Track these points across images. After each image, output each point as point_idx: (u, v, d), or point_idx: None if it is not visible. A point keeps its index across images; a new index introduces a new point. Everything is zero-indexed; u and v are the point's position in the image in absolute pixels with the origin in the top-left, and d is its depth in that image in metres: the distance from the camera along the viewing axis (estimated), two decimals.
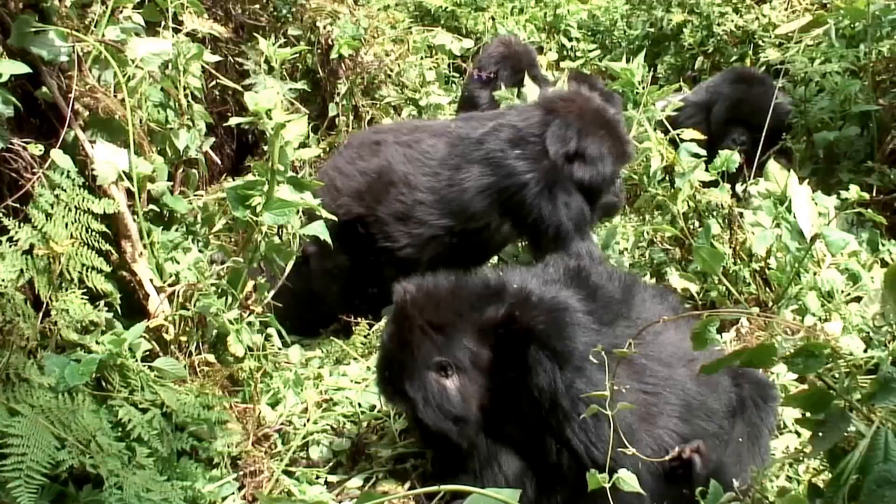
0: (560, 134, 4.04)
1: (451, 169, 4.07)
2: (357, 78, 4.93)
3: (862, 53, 5.54)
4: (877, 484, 1.53)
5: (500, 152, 4.04)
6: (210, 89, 4.67)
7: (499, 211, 4.06)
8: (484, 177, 4.03)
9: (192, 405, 3.03)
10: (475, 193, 4.03)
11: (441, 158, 4.10)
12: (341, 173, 4.23)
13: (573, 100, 4.23)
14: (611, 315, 3.05)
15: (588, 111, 4.17)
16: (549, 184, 4.00)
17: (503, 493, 1.80)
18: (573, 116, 4.09)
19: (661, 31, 7.19)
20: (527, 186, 3.98)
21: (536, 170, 4.00)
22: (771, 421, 3.31)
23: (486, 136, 4.11)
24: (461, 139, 4.16)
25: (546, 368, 2.80)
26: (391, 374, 2.95)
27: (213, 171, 4.79)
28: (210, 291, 3.33)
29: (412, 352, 2.89)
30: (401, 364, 2.91)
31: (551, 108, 4.15)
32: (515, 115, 4.24)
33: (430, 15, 7.51)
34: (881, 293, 1.67)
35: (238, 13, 4.94)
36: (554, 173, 4.02)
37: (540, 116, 4.12)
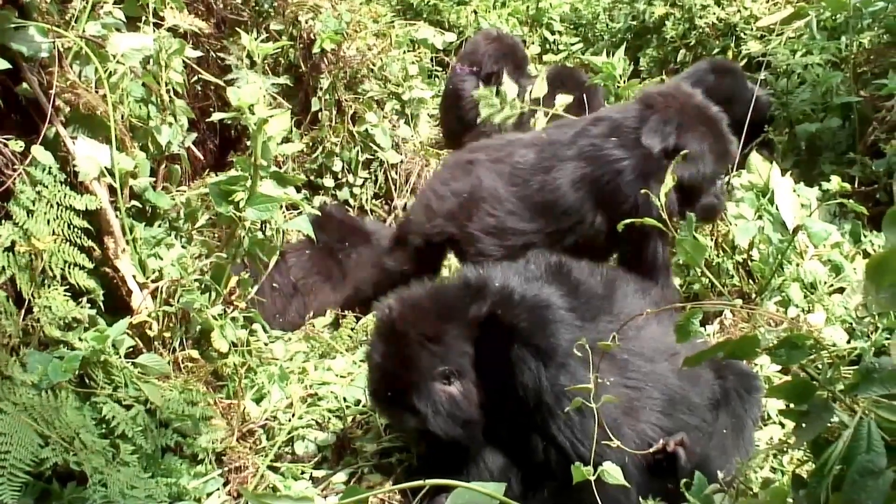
0: (658, 129, 3.86)
1: (541, 173, 3.97)
2: (339, 72, 4.91)
3: (843, 45, 5.56)
4: (859, 474, 1.53)
5: (594, 145, 3.92)
6: (192, 85, 4.65)
7: (592, 203, 3.90)
8: (577, 170, 3.90)
9: (176, 401, 3.03)
10: (568, 188, 3.90)
11: (531, 166, 4.00)
12: (436, 195, 4.18)
13: (673, 95, 4.05)
14: (593, 311, 3.06)
15: (689, 106, 4.00)
16: (644, 173, 3.81)
17: (488, 486, 1.79)
18: (673, 111, 3.92)
19: (643, 24, 7.18)
20: (622, 174, 3.82)
21: (633, 157, 3.84)
22: (755, 412, 3.32)
23: (578, 135, 4.00)
24: (552, 143, 4.06)
25: (530, 366, 2.80)
26: (395, 392, 2.88)
27: (195, 166, 4.78)
28: (193, 287, 3.32)
29: (414, 367, 2.86)
30: (404, 381, 2.86)
31: (650, 103, 3.99)
32: (612, 110, 4.14)
33: (412, 9, 7.50)
34: (863, 284, 1.67)
35: (220, 8, 4.92)
36: (650, 163, 3.83)
37: (638, 111, 3.97)
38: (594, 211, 3.90)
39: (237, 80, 4.41)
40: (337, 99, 4.97)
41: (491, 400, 2.92)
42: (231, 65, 4.65)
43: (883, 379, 1.69)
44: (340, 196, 5.04)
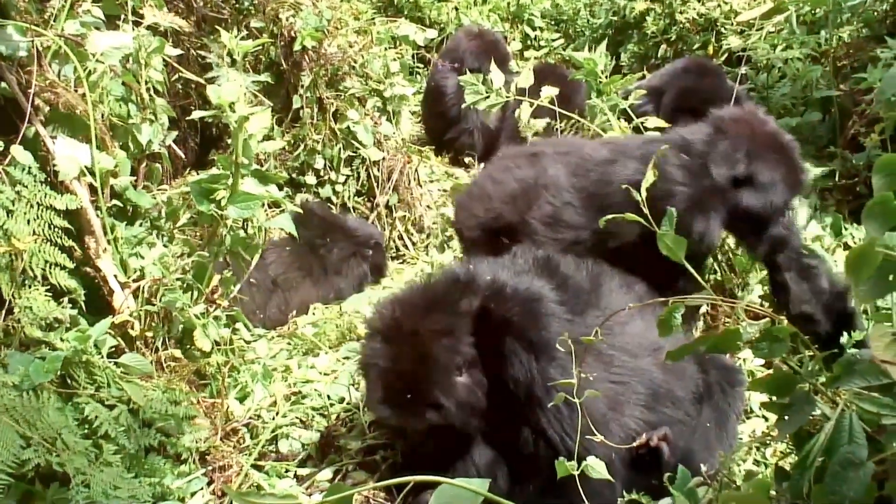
0: (728, 155, 3.70)
1: (605, 165, 3.85)
2: (321, 70, 4.90)
3: (823, 39, 5.60)
4: (840, 465, 1.54)
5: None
6: (172, 83, 4.64)
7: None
8: (637, 173, 3.67)
9: (159, 401, 3.02)
10: (619, 186, 3.67)
11: (599, 160, 3.88)
12: (494, 181, 4.09)
13: (746, 120, 3.89)
14: (581, 305, 3.07)
15: (761, 133, 3.84)
16: (699, 203, 3.68)
17: (472, 482, 1.79)
18: (744, 138, 3.75)
19: (623, 20, 7.20)
20: (674, 197, 3.65)
21: (691, 185, 3.70)
22: (738, 405, 3.34)
23: (649, 142, 3.91)
24: (624, 143, 3.98)
25: (521, 359, 2.81)
26: (415, 391, 2.84)
27: (176, 165, 4.76)
28: (175, 286, 3.31)
29: (434, 362, 2.83)
30: (424, 378, 2.83)
31: (721, 127, 3.84)
32: (685, 128, 3.98)
33: (393, 5, 7.49)
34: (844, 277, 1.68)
35: (199, 6, 4.90)
36: (708, 194, 3.70)
37: (708, 133, 3.82)
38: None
39: (218, 78, 4.39)
40: (318, 96, 4.95)
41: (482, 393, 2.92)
42: (212, 63, 4.63)
43: (863, 371, 1.70)
44: (322, 193, 5.03)
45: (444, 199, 5.50)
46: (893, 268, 1.57)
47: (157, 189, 3.82)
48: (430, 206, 5.35)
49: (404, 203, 5.21)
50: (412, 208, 5.23)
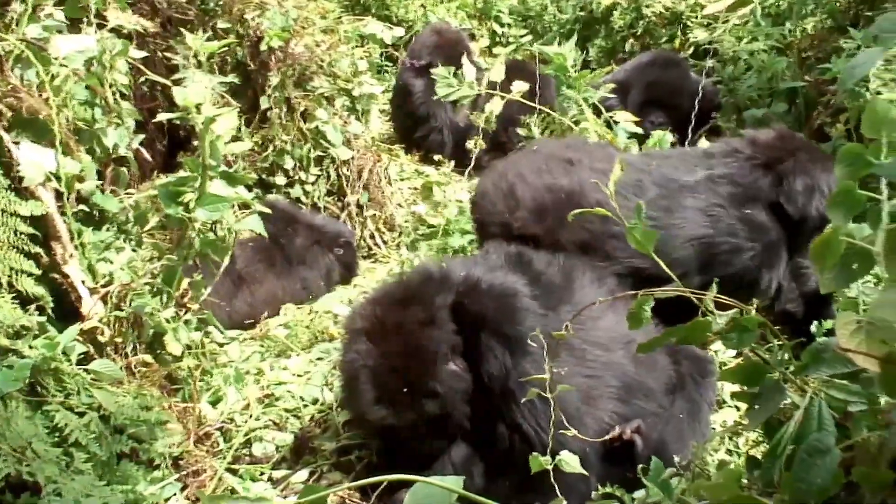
0: (804, 191, 3.74)
1: (661, 210, 3.71)
2: (288, 70, 4.88)
3: (787, 31, 5.65)
4: (808, 453, 1.55)
5: (719, 206, 3.76)
6: (139, 85, 4.60)
7: (699, 265, 3.74)
8: (697, 227, 3.72)
9: (130, 407, 2.99)
10: (683, 241, 3.70)
11: (648, 199, 3.68)
12: (524, 182, 3.87)
13: (795, 146, 3.92)
14: (554, 300, 3.07)
15: (808, 147, 3.94)
16: (770, 259, 3.77)
17: (447, 480, 1.79)
18: (804, 165, 3.79)
19: (591, 15, 7.22)
20: (742, 254, 3.73)
21: (760, 241, 3.74)
22: (710, 396, 3.35)
23: (712, 183, 3.82)
24: (668, 180, 3.83)
25: (496, 353, 2.81)
26: (411, 385, 2.83)
27: (144, 168, 4.72)
28: (144, 291, 3.28)
29: (425, 352, 2.84)
30: (418, 369, 2.84)
31: (770, 164, 3.84)
32: (731, 166, 3.89)
33: (360, 4, 7.47)
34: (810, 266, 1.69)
35: (164, 7, 4.86)
36: (775, 248, 3.77)
37: (762, 176, 3.81)
38: (698, 273, 3.73)
39: (184, 79, 4.36)
40: (286, 96, 4.93)
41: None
42: (178, 64, 4.59)
43: (831, 359, 1.70)
44: (293, 194, 5.01)
45: (414, 197, 5.50)
46: (857, 256, 1.58)
47: (125, 193, 3.78)
48: (400, 204, 5.35)
49: (375, 202, 5.20)
50: (383, 207, 5.22)
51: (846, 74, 1.64)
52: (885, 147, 1.62)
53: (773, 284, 3.77)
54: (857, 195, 1.62)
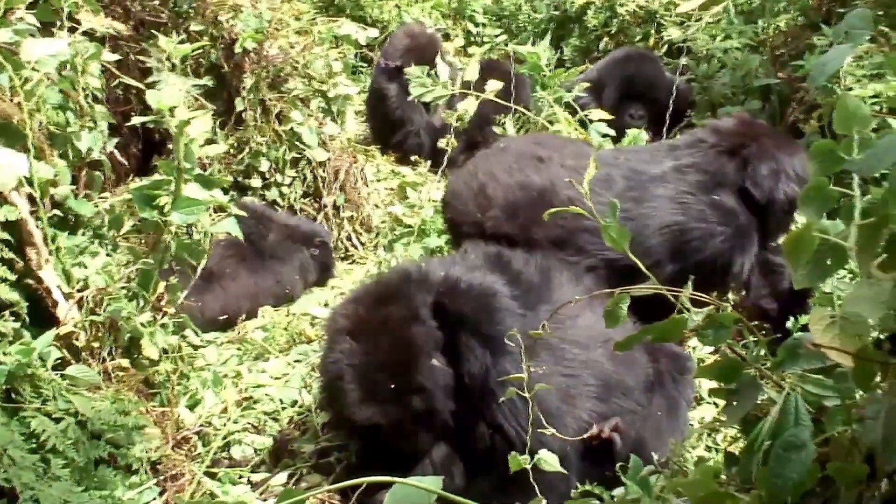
0: (763, 174, 3.79)
1: (630, 201, 3.74)
2: (262, 71, 4.86)
3: (760, 29, 5.68)
4: (783, 448, 1.55)
5: (689, 194, 3.80)
6: (112, 89, 4.57)
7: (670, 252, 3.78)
8: (667, 215, 3.76)
9: (107, 412, 2.98)
10: (654, 230, 3.74)
11: (617, 192, 3.74)
12: (496, 181, 3.92)
13: (757, 132, 3.98)
14: (533, 299, 3.08)
15: (771, 132, 3.99)
16: (741, 242, 3.79)
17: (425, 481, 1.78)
18: (769, 151, 3.84)
19: (565, 14, 7.24)
20: (713, 238, 3.76)
21: (730, 224, 3.77)
22: (688, 393, 3.37)
23: (679, 172, 3.87)
24: (636, 172, 3.88)
25: (476, 353, 2.82)
26: (398, 380, 2.83)
27: (119, 171, 4.70)
28: (120, 295, 3.27)
29: (412, 347, 2.85)
30: (404, 364, 2.84)
31: (734, 149, 3.89)
32: (697, 155, 3.94)
33: (334, 5, 7.45)
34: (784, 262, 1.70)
35: (137, 10, 4.84)
36: (745, 232, 3.80)
37: (727, 162, 3.86)
38: (672, 261, 3.78)
39: (158, 82, 4.34)
40: (261, 98, 4.92)
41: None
42: (152, 67, 4.57)
43: (807, 355, 1.71)
44: (269, 196, 4.99)
45: (391, 198, 5.49)
46: (831, 252, 1.59)
47: (100, 197, 3.77)
48: (377, 205, 5.33)
49: (352, 203, 5.19)
50: (360, 208, 5.21)
51: (816, 71, 1.65)
52: (857, 143, 1.63)
53: (746, 268, 3.80)
54: (830, 191, 1.64)
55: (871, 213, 1.55)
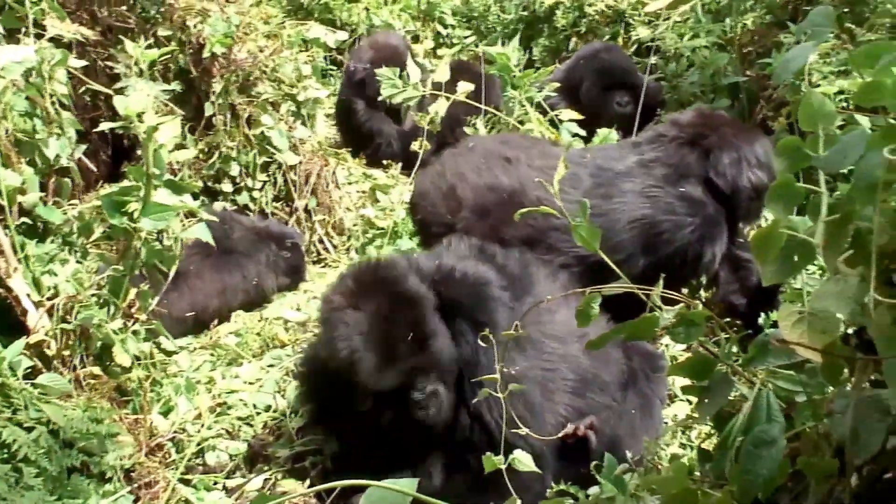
0: (726, 163, 3.83)
1: (598, 198, 3.76)
2: (231, 76, 4.85)
3: (728, 27, 5.71)
4: (754, 444, 1.56)
5: (657, 188, 3.83)
6: (80, 95, 4.55)
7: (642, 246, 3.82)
8: (636, 209, 3.80)
9: (79, 420, 2.96)
10: (623, 224, 3.77)
11: (584, 190, 3.78)
12: (465, 181, 3.94)
13: (716, 122, 4.01)
14: (518, 291, 3.10)
15: (731, 122, 4.03)
16: (710, 232, 3.82)
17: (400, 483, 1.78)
18: (729, 140, 3.88)
19: (534, 14, 7.25)
20: (682, 229, 3.78)
21: (699, 215, 3.80)
22: (662, 391, 3.39)
23: (645, 167, 3.90)
24: (603, 170, 3.91)
25: (468, 339, 2.82)
26: (414, 328, 2.81)
27: (88, 178, 4.68)
28: (91, 302, 3.25)
29: (416, 296, 2.86)
30: (415, 315, 2.84)
31: (695, 141, 3.92)
32: (659, 149, 3.97)
33: (303, 8, 7.44)
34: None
35: (104, 15, 4.82)
36: (713, 223, 3.83)
37: (689, 154, 3.88)
38: (643, 254, 3.81)
39: (126, 88, 4.32)
40: (231, 103, 4.90)
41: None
42: (120, 73, 4.55)
43: (777, 350, 1.73)
44: (240, 200, 4.98)
45: (363, 201, 5.48)
46: (798, 248, 1.60)
47: (69, 204, 3.75)
48: (349, 208, 5.32)
49: (323, 206, 5.18)
50: (332, 211, 5.19)
51: (780, 69, 1.66)
52: (822, 140, 1.64)
53: (717, 257, 3.83)
54: (797, 188, 1.65)
55: (837, 210, 1.57)
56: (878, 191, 1.44)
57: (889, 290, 1.51)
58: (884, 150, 1.42)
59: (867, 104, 1.58)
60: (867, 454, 1.48)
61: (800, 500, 1.68)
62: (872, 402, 1.48)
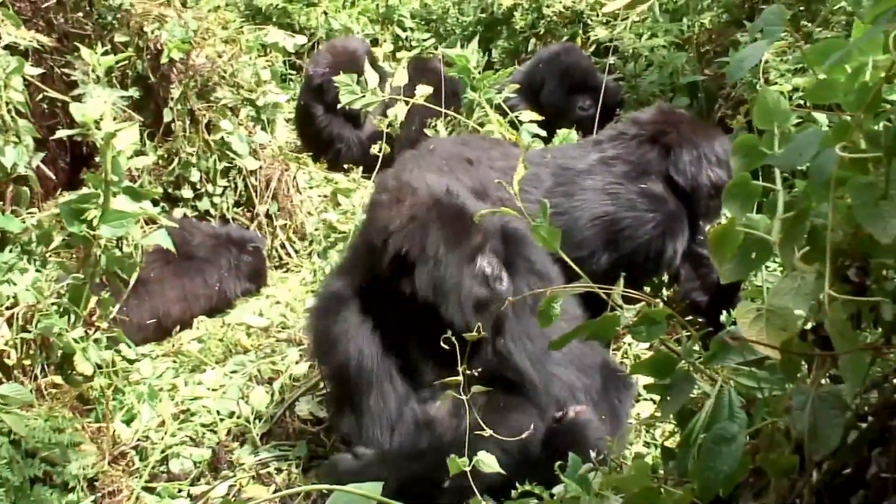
0: (686, 161, 3.88)
1: (560, 196, 3.84)
2: (190, 81, 4.82)
3: (685, 27, 5.75)
4: (713, 442, 1.58)
5: (618, 185, 3.87)
6: (37, 103, 4.52)
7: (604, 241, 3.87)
8: (598, 206, 3.84)
9: (41, 430, 2.94)
10: (585, 221, 3.82)
11: (546, 188, 3.86)
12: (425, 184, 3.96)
13: (676, 119, 4.05)
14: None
15: (691, 120, 4.07)
16: (671, 228, 3.86)
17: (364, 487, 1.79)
18: (686, 136, 3.92)
19: (492, 16, 7.26)
20: (644, 225, 3.83)
21: (660, 211, 3.85)
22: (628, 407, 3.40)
23: (604, 164, 3.94)
24: (564, 169, 3.96)
25: (522, 271, 3.05)
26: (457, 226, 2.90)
27: (47, 186, 4.64)
28: (51, 311, 3.22)
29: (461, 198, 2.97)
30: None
31: (656, 138, 3.97)
32: (620, 146, 4.02)
33: (261, 13, 7.41)
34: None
35: (61, 22, 4.77)
36: (675, 219, 3.87)
37: (650, 151, 3.93)
38: (605, 250, 3.87)
39: (83, 95, 4.28)
40: (189, 108, 4.87)
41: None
42: (77, 80, 4.51)
43: (738, 347, 1.74)
44: (200, 206, 4.95)
45: (325, 205, 5.47)
46: (756, 246, 1.62)
47: (27, 212, 3.71)
48: (311, 212, 5.31)
49: (284, 211, 5.16)
50: (293, 216, 5.18)
51: (734, 68, 1.68)
52: (778, 138, 1.66)
53: (679, 252, 3.87)
54: (753, 186, 1.67)
55: (793, 207, 1.58)
56: (832, 188, 1.46)
57: (844, 287, 1.53)
58: (836, 148, 1.44)
59: (820, 102, 1.60)
60: (826, 449, 1.49)
61: (761, 497, 1.70)
62: (830, 398, 1.49)
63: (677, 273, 4.04)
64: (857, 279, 1.56)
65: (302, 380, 3.74)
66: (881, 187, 1.38)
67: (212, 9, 5.78)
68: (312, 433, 3.44)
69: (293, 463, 3.25)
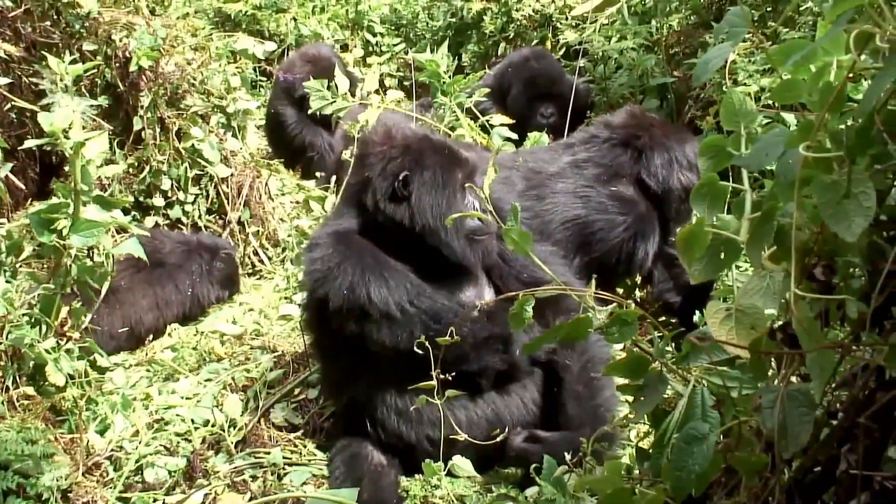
0: (657, 164, 3.93)
1: (532, 199, 3.90)
2: (160, 89, 4.80)
3: (654, 29, 5.78)
4: (685, 441, 1.58)
5: (589, 188, 3.92)
6: (5, 112, 4.50)
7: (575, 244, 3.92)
8: (568, 209, 3.89)
9: (13, 442, 2.92)
10: (558, 224, 3.87)
11: (518, 192, 3.90)
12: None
13: (647, 123, 4.10)
14: None
15: (662, 123, 4.10)
16: (642, 230, 3.92)
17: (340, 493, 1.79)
18: (658, 140, 3.97)
19: (462, 21, 7.28)
20: (615, 228, 3.89)
21: (631, 213, 3.90)
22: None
23: (576, 167, 3.99)
24: (535, 172, 4.01)
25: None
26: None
27: (17, 196, 4.62)
28: (22, 322, 3.20)
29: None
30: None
31: (627, 141, 4.01)
32: (592, 150, 4.07)
33: (230, 20, 7.40)
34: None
35: (28, 31, 4.75)
36: (645, 220, 3.92)
37: (622, 154, 3.98)
38: (577, 252, 3.90)
39: (52, 104, 4.26)
40: (159, 116, 4.86)
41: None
42: (45, 89, 4.49)
43: (710, 347, 1.75)
44: (172, 214, 4.93)
45: (297, 212, 5.46)
46: (724, 245, 1.63)
47: None
48: (283, 219, 5.30)
49: (257, 218, 5.15)
50: (265, 222, 5.17)
51: (700, 70, 1.69)
52: (744, 138, 1.68)
53: (650, 254, 3.91)
54: (720, 186, 1.68)
55: (761, 207, 1.60)
56: (797, 187, 1.47)
57: (811, 285, 1.54)
58: (800, 147, 1.45)
59: (785, 102, 1.61)
60: (796, 447, 1.50)
61: (733, 495, 1.71)
62: (799, 396, 1.50)
63: (650, 274, 4.07)
64: (823, 278, 1.57)
65: (276, 387, 3.74)
66: (845, 186, 1.40)
67: (181, 16, 5.75)
68: (288, 440, 3.44)
69: (269, 470, 3.24)
